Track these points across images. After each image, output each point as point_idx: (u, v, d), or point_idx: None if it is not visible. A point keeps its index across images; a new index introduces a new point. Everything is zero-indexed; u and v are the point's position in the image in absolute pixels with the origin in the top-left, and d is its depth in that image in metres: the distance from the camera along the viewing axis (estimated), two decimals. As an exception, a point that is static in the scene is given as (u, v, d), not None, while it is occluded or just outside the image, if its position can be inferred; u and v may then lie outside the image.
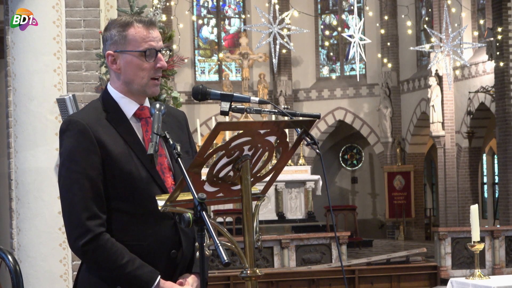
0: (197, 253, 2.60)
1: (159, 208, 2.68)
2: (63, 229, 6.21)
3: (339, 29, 22.42)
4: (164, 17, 11.94)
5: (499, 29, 16.13)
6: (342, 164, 24.02)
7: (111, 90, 2.92)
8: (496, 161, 19.78)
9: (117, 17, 2.95)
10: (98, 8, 6.69)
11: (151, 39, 2.86)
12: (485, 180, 21.64)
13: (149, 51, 2.84)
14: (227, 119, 15.51)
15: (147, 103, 2.95)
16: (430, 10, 20.16)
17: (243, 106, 2.79)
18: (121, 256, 2.75)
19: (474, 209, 6.48)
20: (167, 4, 18.03)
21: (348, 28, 21.39)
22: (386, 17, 21.02)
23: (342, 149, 24.05)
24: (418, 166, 21.27)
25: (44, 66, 6.45)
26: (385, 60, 20.94)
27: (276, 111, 2.79)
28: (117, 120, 2.86)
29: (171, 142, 2.66)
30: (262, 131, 2.61)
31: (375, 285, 10.64)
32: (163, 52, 2.91)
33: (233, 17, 23.22)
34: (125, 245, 2.78)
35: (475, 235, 6.42)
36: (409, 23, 19.39)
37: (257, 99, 2.78)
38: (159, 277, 2.78)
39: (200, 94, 2.78)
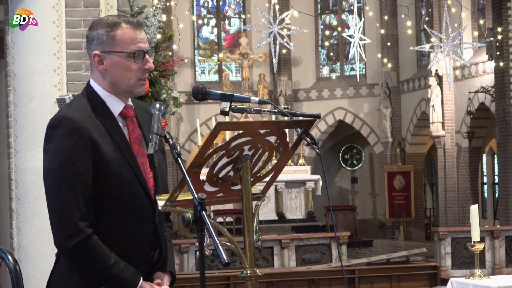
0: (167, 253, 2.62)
1: (159, 208, 2.68)
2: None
3: (339, 29, 22.42)
4: (164, 17, 11.92)
5: (499, 29, 16.13)
6: (342, 164, 24.02)
7: (96, 87, 2.89)
8: (496, 161, 19.77)
9: (102, 17, 2.92)
10: (98, 8, 6.69)
11: (139, 40, 2.84)
12: (485, 180, 21.64)
13: (137, 53, 2.82)
14: (227, 119, 15.50)
15: (130, 102, 2.93)
16: (430, 10, 20.16)
17: (243, 106, 2.79)
18: (108, 258, 2.74)
19: (474, 209, 6.48)
20: (167, 4, 18.03)
21: (348, 28, 21.39)
22: (386, 17, 21.02)
23: (342, 149, 24.05)
24: (418, 166, 21.26)
25: (44, 66, 6.45)
26: (385, 60, 20.94)
27: (276, 111, 2.79)
28: (106, 119, 2.83)
29: (171, 142, 2.65)
30: (262, 131, 2.61)
31: (375, 285, 10.64)
32: (150, 53, 2.91)
33: (233, 17, 23.22)
34: (107, 245, 2.77)
35: (475, 235, 6.43)
36: (409, 23, 19.39)
37: (257, 99, 2.78)
38: (141, 278, 2.80)
39: (200, 94, 2.78)
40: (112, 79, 2.85)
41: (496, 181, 20.07)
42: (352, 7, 20.81)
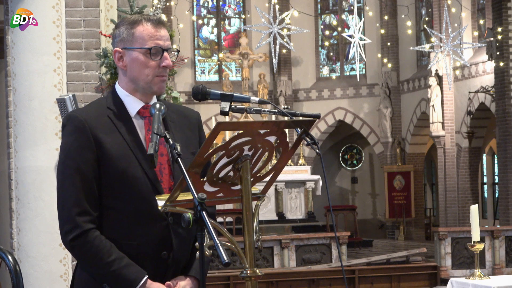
0: (196, 255, 2.59)
1: (159, 208, 2.67)
2: (63, 229, 6.19)
3: (339, 29, 22.42)
4: (164, 17, 11.92)
5: (499, 29, 16.13)
6: (342, 164, 24.02)
7: (118, 88, 2.93)
8: (496, 161, 19.77)
9: (126, 16, 2.95)
10: (98, 8, 6.69)
11: (158, 37, 2.86)
12: (485, 180, 21.64)
13: (154, 49, 2.84)
14: (227, 119, 15.50)
15: (154, 101, 2.94)
16: (430, 10, 20.16)
17: (243, 106, 2.79)
18: (108, 254, 2.75)
19: (474, 209, 6.48)
20: (167, 4, 18.03)
21: (348, 28, 21.41)
22: (386, 17, 21.02)
23: (342, 149, 24.05)
24: (418, 166, 21.27)
25: (44, 66, 6.45)
26: (385, 60, 20.94)
27: (276, 111, 2.78)
28: (119, 118, 2.86)
29: (171, 142, 2.65)
30: (262, 131, 2.61)
31: (375, 285, 10.63)
32: (172, 52, 2.91)
33: (233, 17, 23.22)
34: (115, 243, 2.78)
35: (475, 235, 6.42)
36: (409, 23, 19.39)
37: (257, 99, 2.78)
38: (145, 277, 2.77)
39: (200, 94, 2.78)
40: (131, 76, 2.88)
41: (496, 181, 20.07)
42: (352, 7, 20.80)
